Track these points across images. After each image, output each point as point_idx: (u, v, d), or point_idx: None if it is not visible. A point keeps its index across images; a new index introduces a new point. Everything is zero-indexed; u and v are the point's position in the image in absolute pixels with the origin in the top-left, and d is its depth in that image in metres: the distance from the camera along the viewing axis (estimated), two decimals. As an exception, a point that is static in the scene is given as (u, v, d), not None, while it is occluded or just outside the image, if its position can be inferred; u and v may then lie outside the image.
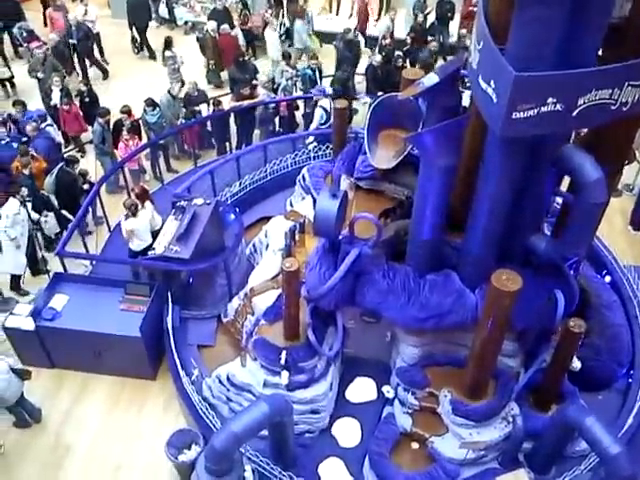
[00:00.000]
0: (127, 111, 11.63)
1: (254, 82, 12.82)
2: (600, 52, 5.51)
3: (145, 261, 8.89)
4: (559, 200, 7.70)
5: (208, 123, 12.55)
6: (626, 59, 5.03)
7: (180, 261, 8.31)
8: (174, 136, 12.43)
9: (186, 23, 17.16)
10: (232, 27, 15.02)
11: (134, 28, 15.91)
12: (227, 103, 12.56)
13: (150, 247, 8.84)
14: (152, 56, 16.09)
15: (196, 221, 8.59)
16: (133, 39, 16.17)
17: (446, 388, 7.24)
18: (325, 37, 16.00)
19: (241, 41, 15.10)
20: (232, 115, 12.47)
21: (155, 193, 10.69)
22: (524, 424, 7.08)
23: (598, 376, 8.15)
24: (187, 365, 8.29)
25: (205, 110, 12.77)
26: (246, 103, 12.26)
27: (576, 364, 7.51)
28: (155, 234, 9.07)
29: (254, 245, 9.71)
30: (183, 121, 12.28)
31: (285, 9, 16.40)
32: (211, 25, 14.56)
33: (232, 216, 9.36)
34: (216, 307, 9.02)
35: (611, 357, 8.17)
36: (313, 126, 11.91)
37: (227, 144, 12.67)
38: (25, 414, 8.28)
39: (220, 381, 7.86)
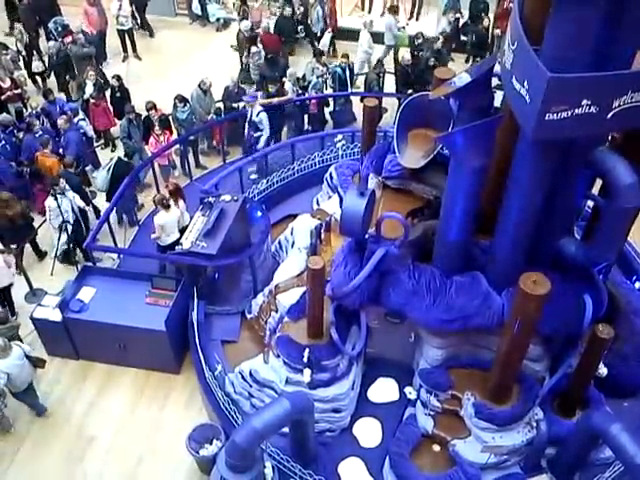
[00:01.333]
0: (152, 107, 11.74)
1: (283, 79, 12.82)
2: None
3: (172, 256, 8.97)
4: (590, 204, 7.60)
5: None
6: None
7: (206, 257, 8.36)
8: (204, 132, 12.50)
9: (218, 20, 17.26)
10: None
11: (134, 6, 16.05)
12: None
13: (177, 242, 8.91)
14: (151, 35, 16.50)
15: (223, 217, 8.64)
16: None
17: (469, 391, 7.18)
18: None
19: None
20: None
21: (184, 188, 10.76)
22: (548, 429, 7.00)
23: (624, 383, 8.01)
24: (211, 360, 8.35)
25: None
26: (275, 100, 12.28)
27: (603, 370, 7.39)
28: (182, 230, 9.14)
29: (280, 242, 9.73)
30: (214, 117, 12.35)
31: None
32: (244, 25, 14.64)
33: (259, 213, 9.39)
34: (241, 303, 9.06)
35: (638, 364, 8.02)
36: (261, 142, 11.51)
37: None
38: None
39: (243, 377, 7.90)
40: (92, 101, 12.30)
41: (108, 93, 12.95)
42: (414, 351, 7.99)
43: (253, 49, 13.74)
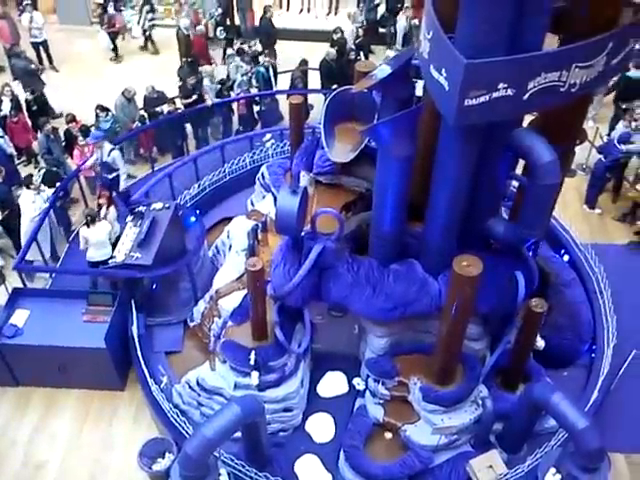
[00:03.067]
0: (72, 119, 11.42)
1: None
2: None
3: (106, 270, 8.73)
4: (515, 184, 7.84)
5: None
6: (572, 41, 5.14)
7: (142, 268, 8.19)
8: (130, 141, 12.24)
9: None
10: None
11: None
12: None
13: (110, 256, 8.68)
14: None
15: (156, 226, 8.48)
16: None
17: (415, 376, 7.32)
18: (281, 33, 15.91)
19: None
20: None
21: (113, 199, 10.48)
22: (493, 406, 7.19)
23: (562, 353, 8.35)
24: (155, 373, 8.18)
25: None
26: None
27: (540, 343, 7.68)
28: (115, 242, 8.92)
29: (217, 247, 9.63)
30: (139, 124, 12.11)
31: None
32: (183, 22, 14.61)
33: (192, 219, 9.25)
34: (182, 312, 8.92)
35: (573, 334, 8.39)
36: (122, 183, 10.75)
37: (184, 146, 12.54)
38: None
39: (190, 386, 7.79)
40: (12, 120, 11.81)
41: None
42: (359, 342, 8.08)
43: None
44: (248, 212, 9.42)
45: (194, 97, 12.27)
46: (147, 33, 16.26)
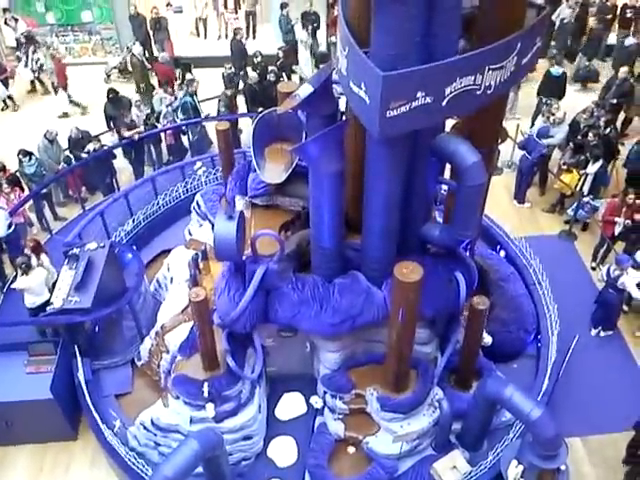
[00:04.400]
0: (1, 168, 11.06)
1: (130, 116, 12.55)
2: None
3: (45, 318, 8.43)
4: (445, 187, 8.04)
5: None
6: (483, 45, 5.33)
7: (82, 311, 7.95)
8: (57, 183, 11.97)
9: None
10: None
11: None
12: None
13: (48, 302, 8.40)
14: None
15: (92, 267, 8.26)
16: None
17: (371, 387, 7.35)
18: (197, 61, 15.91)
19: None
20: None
21: (45, 245, 10.20)
22: (450, 406, 7.29)
23: (509, 346, 8.57)
24: (107, 418, 7.95)
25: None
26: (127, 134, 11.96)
27: (487, 339, 7.86)
28: (52, 288, 8.64)
29: (158, 281, 9.46)
30: (64, 165, 11.85)
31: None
32: (137, 49, 14.71)
33: (129, 255, 9.07)
34: (128, 352, 8.70)
35: (518, 326, 8.62)
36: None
37: (114, 182, 12.33)
38: None
39: (145, 427, 7.58)
40: None
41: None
42: (312, 360, 8.07)
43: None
44: (186, 242, 9.32)
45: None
46: (36, 74, 15.83)
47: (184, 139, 13.22)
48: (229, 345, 7.35)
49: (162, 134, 12.94)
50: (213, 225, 8.14)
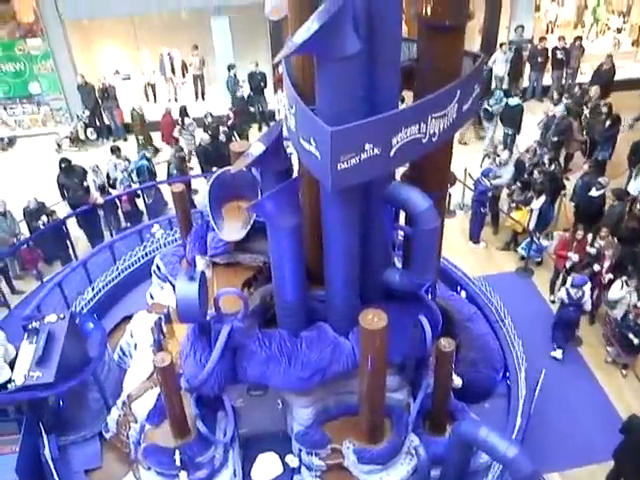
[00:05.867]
0: None
1: (85, 184, 12.53)
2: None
3: (6, 396, 8.14)
4: (402, 233, 8.18)
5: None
6: (424, 95, 5.56)
7: (44, 386, 7.72)
8: (12, 256, 11.76)
9: (2, 140, 16.47)
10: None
11: None
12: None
13: (9, 380, 8.13)
14: None
15: (53, 340, 8.06)
16: None
17: (347, 439, 7.26)
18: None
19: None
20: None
21: (3, 321, 9.95)
22: (427, 452, 7.25)
23: (479, 386, 8.61)
24: (77, 495, 7.65)
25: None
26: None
27: (457, 381, 7.89)
28: (11, 365, 8.37)
29: (122, 348, 9.28)
30: (21, 238, 11.68)
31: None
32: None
33: (91, 325, 8.89)
34: (95, 424, 8.44)
35: (486, 365, 8.69)
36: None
37: (72, 252, 12.19)
38: None
39: (117, 502, 7.32)
40: None
41: None
42: (285, 417, 7.94)
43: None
44: (148, 306, 9.20)
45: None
46: None
47: (139, 202, 13.22)
48: (198, 409, 7.22)
49: (117, 200, 12.91)
50: (174, 287, 8.10)
